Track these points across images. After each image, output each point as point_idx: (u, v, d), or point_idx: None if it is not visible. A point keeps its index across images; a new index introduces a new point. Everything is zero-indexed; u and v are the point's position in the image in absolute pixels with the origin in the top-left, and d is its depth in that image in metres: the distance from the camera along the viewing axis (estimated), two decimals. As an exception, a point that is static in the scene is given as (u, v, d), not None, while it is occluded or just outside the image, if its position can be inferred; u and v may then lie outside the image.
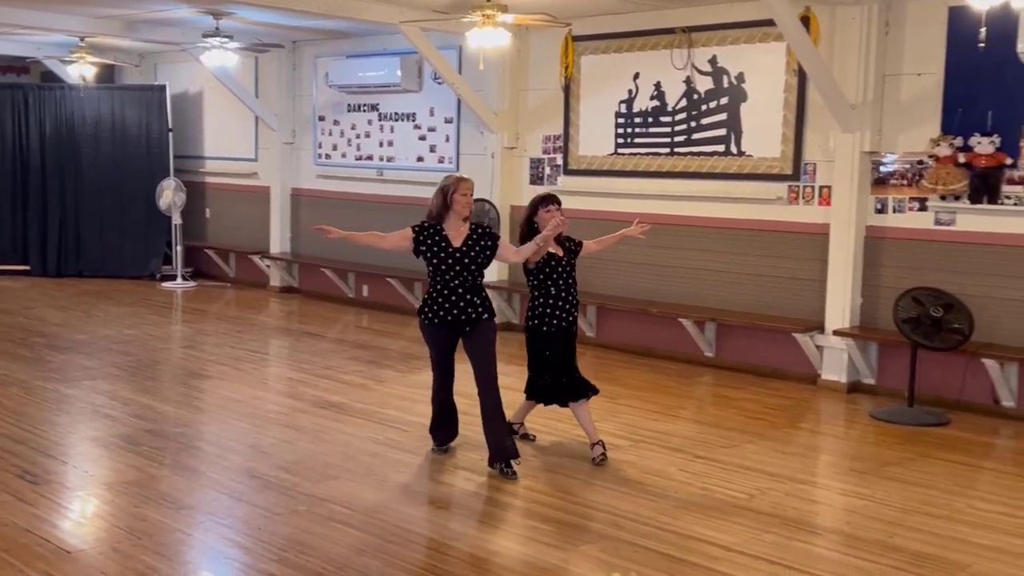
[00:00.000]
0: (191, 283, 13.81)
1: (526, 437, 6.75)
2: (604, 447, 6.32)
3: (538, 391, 6.51)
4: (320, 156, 13.00)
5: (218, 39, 10.98)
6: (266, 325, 11.33)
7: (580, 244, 6.67)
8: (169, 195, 13.64)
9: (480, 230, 6.17)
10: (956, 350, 7.42)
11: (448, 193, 6.13)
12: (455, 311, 6.05)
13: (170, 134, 14.06)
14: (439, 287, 6.08)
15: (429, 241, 6.08)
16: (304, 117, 13.16)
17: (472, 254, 6.07)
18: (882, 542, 5.06)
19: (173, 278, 13.82)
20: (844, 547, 5.02)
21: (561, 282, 6.42)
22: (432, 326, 6.16)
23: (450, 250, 6.05)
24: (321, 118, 12.93)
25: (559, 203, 6.52)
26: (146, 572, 4.52)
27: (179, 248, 13.84)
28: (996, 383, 7.59)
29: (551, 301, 6.39)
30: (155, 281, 13.89)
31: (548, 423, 6.94)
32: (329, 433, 6.85)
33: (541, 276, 6.39)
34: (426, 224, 6.15)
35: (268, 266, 13.48)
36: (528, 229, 6.41)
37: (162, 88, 14.17)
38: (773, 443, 6.86)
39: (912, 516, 5.45)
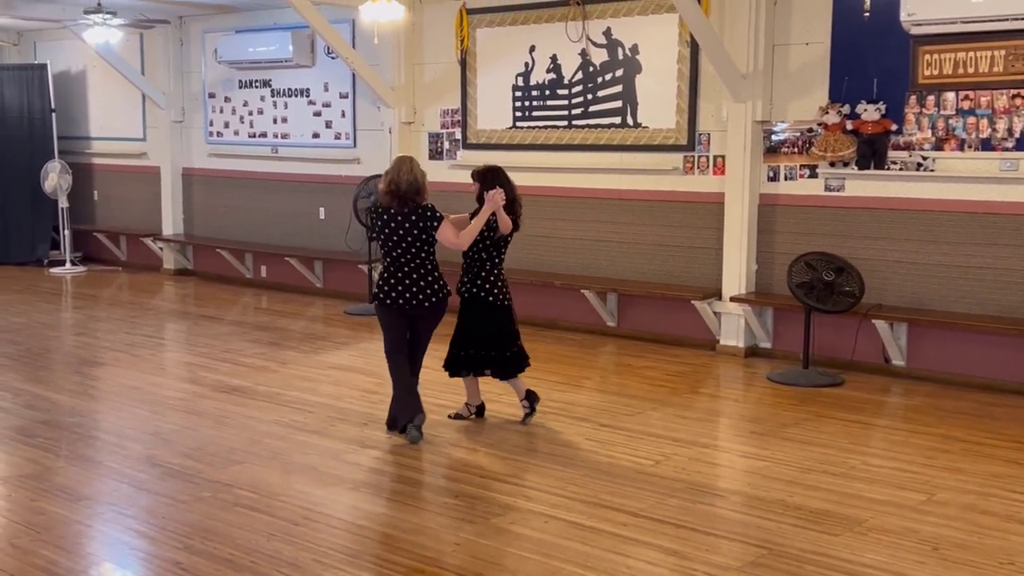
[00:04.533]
0: (81, 268, 13.39)
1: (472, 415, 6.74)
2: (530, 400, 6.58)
3: (465, 363, 6.55)
4: (211, 134, 12.70)
5: (101, 16, 10.61)
6: (161, 309, 11.06)
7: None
8: (54, 178, 13.17)
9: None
10: (848, 312, 7.66)
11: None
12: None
13: (53, 115, 13.58)
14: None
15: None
16: (193, 94, 12.82)
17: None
18: (782, 501, 5.22)
19: (62, 263, 13.38)
20: (746, 507, 5.16)
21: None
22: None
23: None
24: (211, 95, 12.62)
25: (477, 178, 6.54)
26: (47, 567, 4.39)
27: (67, 232, 13.39)
28: (886, 343, 7.87)
29: (499, 273, 6.52)
30: (43, 267, 13.45)
31: (460, 398, 6.93)
32: (232, 417, 6.73)
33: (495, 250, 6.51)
34: None
35: (161, 248, 13.15)
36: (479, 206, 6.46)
37: (43, 67, 13.65)
38: (675, 409, 7.00)
39: (810, 475, 5.62)
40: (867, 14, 7.72)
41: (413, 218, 6.09)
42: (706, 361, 8.45)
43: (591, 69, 9.42)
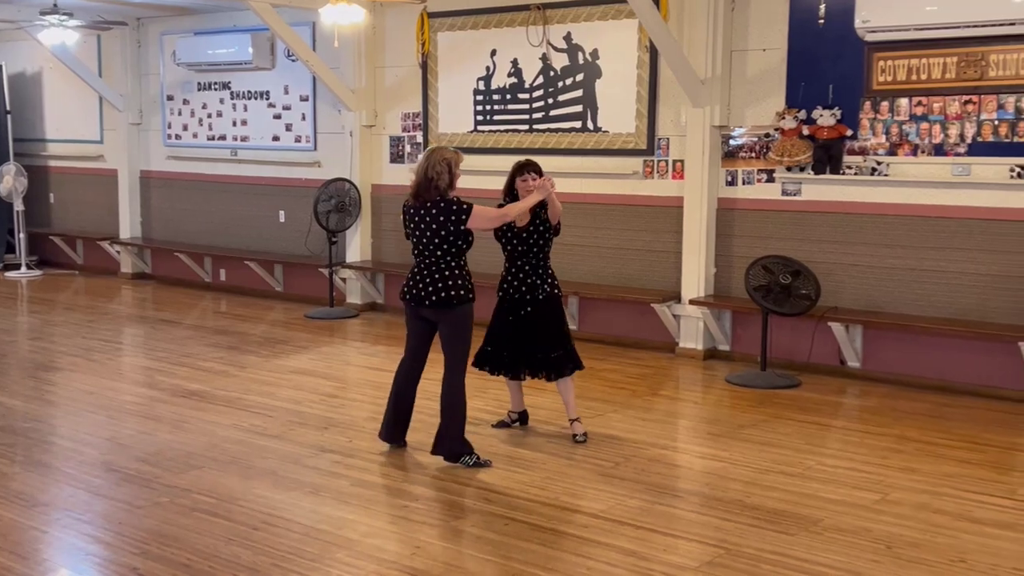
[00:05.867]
0: (36, 272, 13.21)
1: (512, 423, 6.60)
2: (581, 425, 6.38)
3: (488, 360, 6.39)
4: (170, 137, 12.60)
5: (57, 17, 10.47)
6: (119, 313, 10.95)
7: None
8: (9, 180, 12.98)
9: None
10: (804, 315, 7.76)
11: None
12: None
13: (8, 116, 13.40)
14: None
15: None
16: (151, 97, 12.71)
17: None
18: (740, 501, 5.27)
19: (17, 267, 13.20)
20: (705, 508, 5.21)
21: (518, 252, 6.29)
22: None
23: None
24: (170, 97, 12.52)
25: (537, 170, 6.24)
26: (2, 573, 4.34)
27: (22, 236, 13.20)
28: (842, 345, 7.97)
29: (505, 268, 6.36)
30: (-3, 271, 13.27)
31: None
32: (190, 422, 6.69)
33: (501, 243, 6.35)
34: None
35: (118, 252, 13.02)
36: (510, 199, 6.25)
37: (-3, 68, 13.48)
38: (635, 411, 7.05)
39: (767, 475, 5.69)
40: (822, 21, 7.82)
41: (434, 212, 5.71)
42: (665, 364, 8.51)
43: (552, 74, 9.46)
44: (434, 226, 5.71)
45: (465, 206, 5.71)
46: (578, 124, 9.35)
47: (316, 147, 11.23)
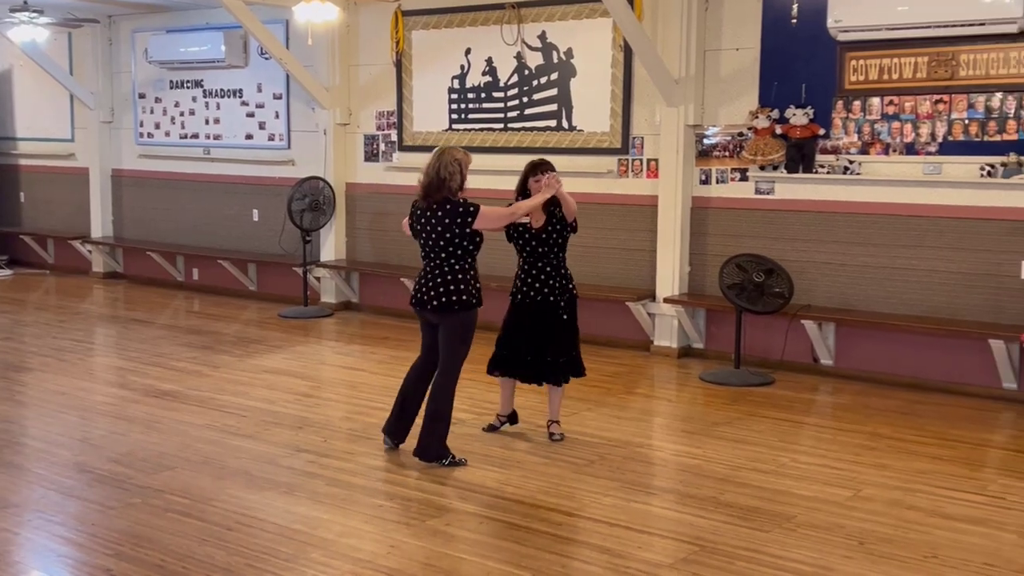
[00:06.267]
0: (7, 272, 13.08)
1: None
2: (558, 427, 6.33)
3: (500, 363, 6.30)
4: (142, 135, 12.50)
5: (27, 14, 10.39)
6: (90, 313, 10.86)
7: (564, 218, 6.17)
8: (-22, 179, 12.86)
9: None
10: (777, 313, 7.80)
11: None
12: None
13: (-24, 114, 13.29)
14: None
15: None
16: (123, 95, 12.61)
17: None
18: (714, 499, 5.30)
19: (-14, 267, 13.09)
20: (679, 505, 5.23)
21: (537, 254, 6.17)
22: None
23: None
24: (142, 95, 12.42)
25: (547, 169, 6.12)
26: (-30, 577, 4.30)
27: (-8, 235, 13.10)
28: (815, 343, 8.02)
29: (518, 272, 6.23)
30: (-34, 271, 13.13)
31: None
32: (163, 422, 6.64)
33: (517, 245, 6.22)
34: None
35: (90, 251, 12.90)
36: (523, 199, 6.14)
37: (-34, 66, 13.34)
38: (610, 409, 7.06)
39: (741, 472, 5.72)
40: (795, 20, 7.87)
41: (440, 213, 5.64)
42: (640, 362, 8.53)
43: (526, 72, 9.46)
44: (440, 228, 5.63)
45: (472, 207, 5.62)
46: (553, 123, 9.36)
47: (290, 145, 11.18)
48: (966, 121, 7.43)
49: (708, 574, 4.38)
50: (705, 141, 8.52)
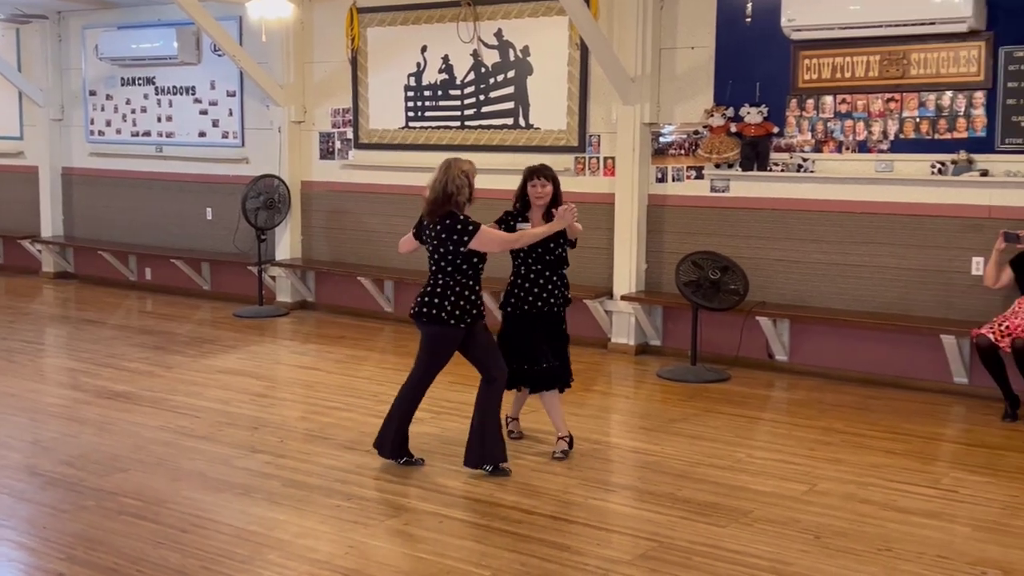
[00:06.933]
0: (-47, 272, 12.85)
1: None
2: (568, 444, 5.98)
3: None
4: (93, 133, 12.32)
5: (-28, 9, 10.20)
6: (40, 314, 10.68)
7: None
8: (-77, 177, 12.59)
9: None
10: (733, 310, 7.86)
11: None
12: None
13: (-78, 111, 13.00)
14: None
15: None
16: (73, 92, 12.42)
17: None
18: (672, 494, 5.32)
19: (-68, 267, 12.82)
20: (637, 501, 5.25)
21: (544, 263, 5.94)
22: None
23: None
24: (92, 93, 12.24)
25: (547, 175, 5.95)
26: (-83, 584, 4.21)
27: (-62, 234, 12.83)
28: (770, 339, 8.10)
29: (516, 281, 5.99)
30: (-89, 271, 12.85)
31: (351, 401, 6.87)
32: (115, 424, 6.55)
33: (512, 252, 6.00)
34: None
35: (40, 251, 12.69)
36: (521, 205, 6.00)
37: (-90, 61, 13.03)
38: (568, 406, 7.03)
39: (698, 468, 5.75)
40: (749, 19, 7.93)
41: (438, 228, 5.46)
42: (598, 359, 8.56)
43: (483, 70, 9.45)
44: (436, 243, 5.49)
45: (471, 226, 5.43)
46: (510, 121, 9.36)
47: (244, 143, 11.08)
48: (917, 119, 7.54)
49: (666, 570, 4.40)
50: (661, 139, 8.56)
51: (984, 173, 7.28)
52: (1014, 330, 6.67)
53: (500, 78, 9.37)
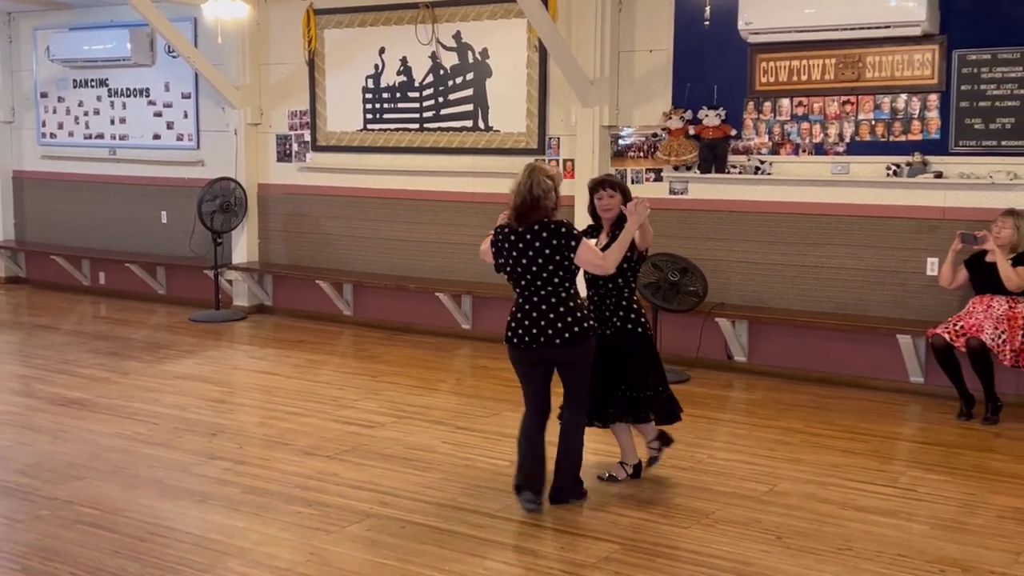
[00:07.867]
0: (-100, 277, 12.57)
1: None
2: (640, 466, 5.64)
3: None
4: (44, 136, 12.12)
5: (-81, 8, 9.99)
6: (-9, 319, 10.49)
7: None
8: None
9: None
10: (693, 311, 7.90)
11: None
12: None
13: None
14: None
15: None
16: (24, 94, 12.22)
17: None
18: (634, 496, 5.33)
19: None
20: (600, 505, 5.24)
21: (612, 283, 5.47)
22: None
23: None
24: (44, 95, 12.05)
25: (612, 186, 5.53)
26: None
27: None
28: (729, 340, 8.15)
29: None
30: None
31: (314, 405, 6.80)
32: (70, 432, 6.44)
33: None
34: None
35: (-10, 255, 12.48)
36: (594, 221, 5.63)
37: None
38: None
39: (660, 470, 5.75)
40: (707, 22, 7.96)
41: (544, 235, 4.97)
42: (558, 362, 8.55)
43: (442, 72, 9.42)
44: (546, 251, 4.97)
45: (575, 233, 5.02)
46: (469, 123, 9.34)
47: (199, 145, 10.95)
48: (872, 122, 7.62)
49: (630, 572, 4.41)
50: (620, 142, 8.59)
51: (938, 175, 7.38)
52: (969, 330, 6.77)
53: (459, 80, 9.35)
